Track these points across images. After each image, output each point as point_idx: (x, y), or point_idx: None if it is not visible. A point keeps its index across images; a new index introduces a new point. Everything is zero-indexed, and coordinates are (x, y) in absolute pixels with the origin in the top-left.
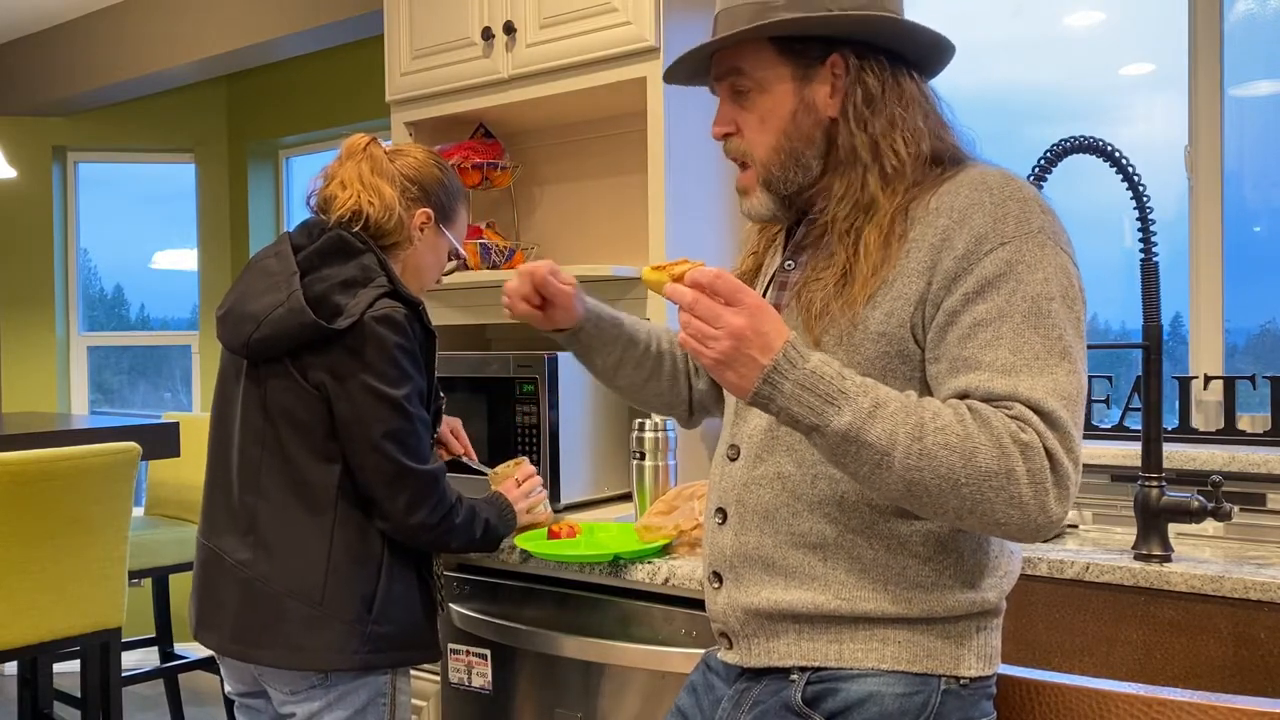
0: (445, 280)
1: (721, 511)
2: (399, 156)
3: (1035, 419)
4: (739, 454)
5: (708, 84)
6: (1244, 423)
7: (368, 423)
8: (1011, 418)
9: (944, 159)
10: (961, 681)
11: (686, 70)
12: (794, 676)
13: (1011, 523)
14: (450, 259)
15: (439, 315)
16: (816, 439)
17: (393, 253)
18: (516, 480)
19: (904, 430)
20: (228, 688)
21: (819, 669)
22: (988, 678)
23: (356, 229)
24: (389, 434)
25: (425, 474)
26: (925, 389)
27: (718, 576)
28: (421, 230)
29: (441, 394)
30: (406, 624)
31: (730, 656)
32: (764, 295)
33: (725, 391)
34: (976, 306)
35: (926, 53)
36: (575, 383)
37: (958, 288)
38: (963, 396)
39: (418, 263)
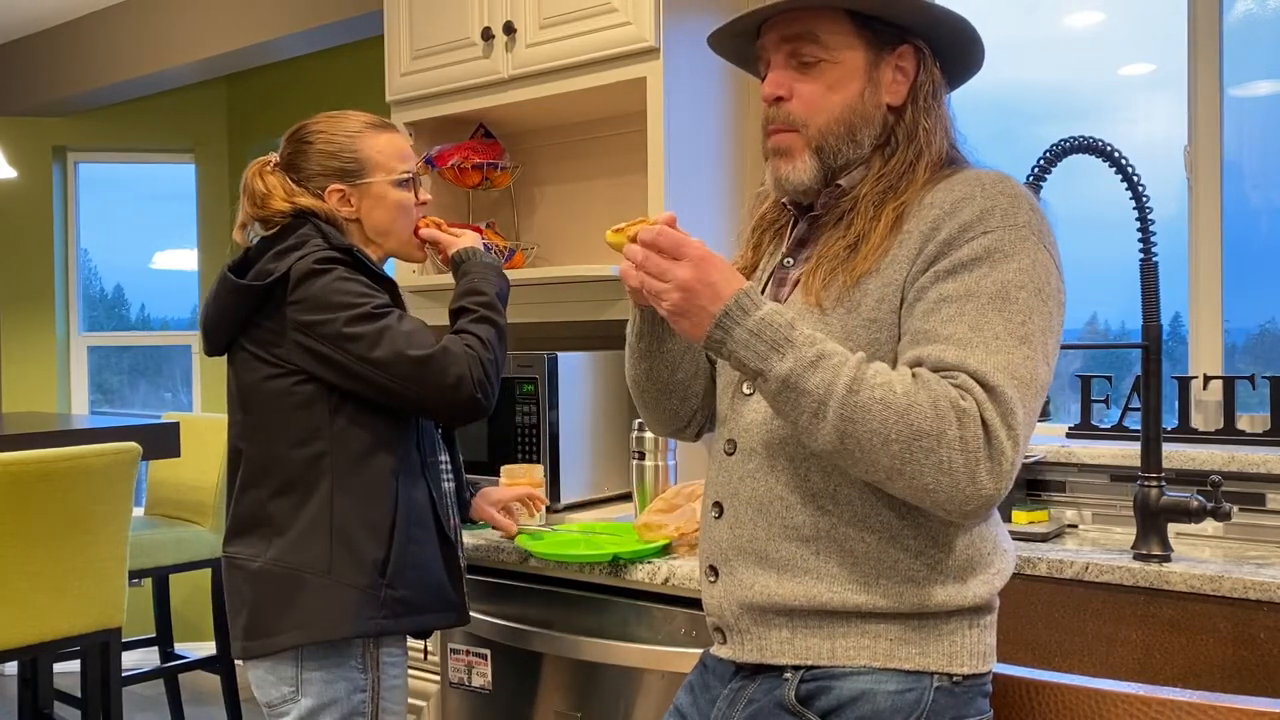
0: (444, 280)
1: (718, 505)
2: (290, 156)
3: (978, 389)
4: (735, 448)
5: (745, 53)
6: (1243, 423)
7: (355, 349)
8: (954, 385)
9: (954, 161)
10: (955, 679)
11: (734, 32)
12: (787, 675)
13: (940, 489)
14: (402, 189)
15: (441, 315)
16: (761, 384)
17: (348, 234)
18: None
19: (842, 381)
20: None
21: (812, 667)
22: (982, 675)
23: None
24: (376, 342)
25: (435, 355)
26: None
27: (714, 570)
28: (350, 203)
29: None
30: (424, 587)
31: (724, 651)
32: (762, 292)
33: (719, 388)
34: (945, 284)
35: (967, 69)
36: (575, 383)
37: (933, 267)
38: (915, 365)
39: (374, 225)
